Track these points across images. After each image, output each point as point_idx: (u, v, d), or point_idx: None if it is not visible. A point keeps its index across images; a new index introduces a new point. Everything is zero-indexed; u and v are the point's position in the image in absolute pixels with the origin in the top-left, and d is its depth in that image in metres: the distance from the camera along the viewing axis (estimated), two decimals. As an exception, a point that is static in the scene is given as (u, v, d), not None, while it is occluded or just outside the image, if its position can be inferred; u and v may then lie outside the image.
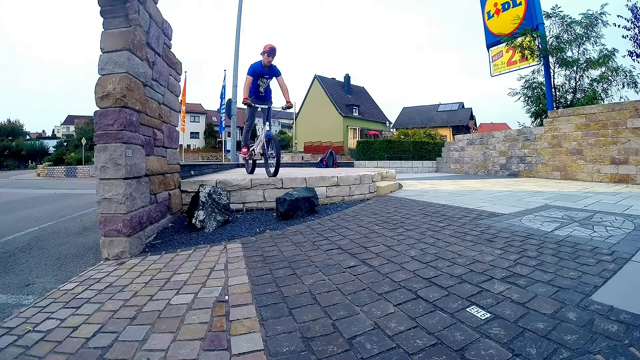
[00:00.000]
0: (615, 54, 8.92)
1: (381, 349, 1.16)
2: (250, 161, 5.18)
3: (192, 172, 4.87)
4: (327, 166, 10.89)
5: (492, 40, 10.73)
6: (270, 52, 4.46)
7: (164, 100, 3.41)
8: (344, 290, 1.66)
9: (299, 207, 3.50)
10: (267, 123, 4.49)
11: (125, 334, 1.38)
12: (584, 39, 9.20)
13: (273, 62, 4.59)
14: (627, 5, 8.30)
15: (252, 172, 5.16)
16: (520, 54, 9.75)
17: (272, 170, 4.17)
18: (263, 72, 4.56)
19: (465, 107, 37.30)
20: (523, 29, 9.49)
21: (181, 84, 4.14)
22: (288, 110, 4.92)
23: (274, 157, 4.27)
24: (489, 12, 10.70)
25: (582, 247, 2.13)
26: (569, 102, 9.76)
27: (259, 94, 4.66)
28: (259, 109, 4.78)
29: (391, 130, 36.55)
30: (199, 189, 3.42)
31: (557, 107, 9.32)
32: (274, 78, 4.67)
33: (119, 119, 2.53)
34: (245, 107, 4.72)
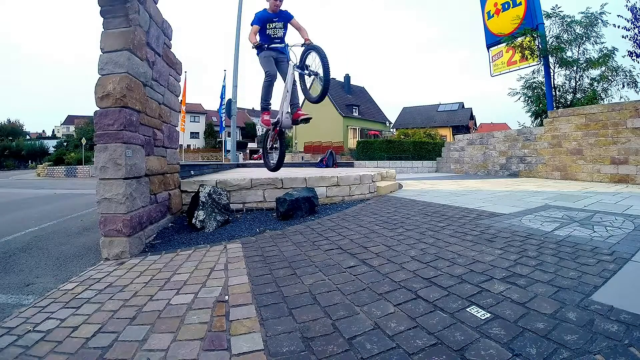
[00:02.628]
0: (615, 53, 8.92)
1: (381, 349, 1.16)
2: (270, 144, 4.14)
3: (192, 172, 4.87)
4: (327, 166, 10.88)
5: (492, 40, 10.72)
6: None
7: (164, 100, 3.41)
8: (344, 290, 1.66)
9: (299, 207, 3.50)
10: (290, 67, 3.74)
11: (125, 334, 1.38)
12: (584, 38, 9.20)
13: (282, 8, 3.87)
14: (627, 5, 8.30)
15: (276, 168, 4.08)
16: (520, 54, 9.74)
17: (315, 97, 3.51)
18: (271, 17, 3.83)
19: (465, 107, 37.30)
20: (523, 29, 9.48)
21: (181, 84, 4.14)
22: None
23: (315, 73, 3.48)
24: (489, 12, 10.69)
25: (582, 247, 2.13)
26: (569, 102, 9.76)
27: (274, 44, 3.93)
28: (274, 52, 3.93)
29: (391, 130, 36.55)
30: (199, 189, 3.42)
31: (557, 107, 9.31)
32: (288, 24, 3.94)
33: (119, 119, 2.53)
34: (257, 54, 3.94)
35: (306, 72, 3.53)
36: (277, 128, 3.94)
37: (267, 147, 4.27)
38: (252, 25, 3.82)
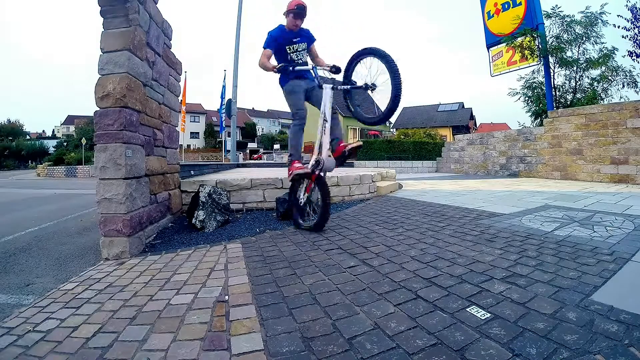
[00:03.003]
0: (615, 52, 8.93)
1: (381, 349, 1.16)
2: (303, 197, 2.96)
3: (192, 172, 4.87)
4: (327, 166, 10.85)
5: (492, 40, 10.73)
6: (299, 11, 2.94)
7: (164, 100, 3.41)
8: (344, 290, 1.66)
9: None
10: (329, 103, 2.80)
11: (125, 334, 1.38)
12: (584, 38, 9.21)
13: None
14: (626, 5, 8.31)
15: (314, 229, 2.84)
16: (520, 54, 9.75)
17: (375, 116, 2.67)
18: (290, 37, 3.03)
19: (465, 107, 37.32)
20: (523, 29, 9.49)
21: (181, 84, 4.14)
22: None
23: (372, 86, 2.57)
24: (489, 12, 10.69)
25: (582, 247, 2.13)
26: (569, 102, 9.76)
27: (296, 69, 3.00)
28: (304, 82, 3.10)
29: (391, 130, 36.53)
30: (199, 189, 3.42)
31: (557, 107, 9.32)
32: (308, 46, 3.12)
33: (119, 119, 2.53)
34: (282, 86, 3.17)
35: (362, 84, 2.63)
36: (316, 172, 2.81)
37: (299, 201, 2.99)
38: (263, 48, 2.96)
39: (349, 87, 2.71)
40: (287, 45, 3.05)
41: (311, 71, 2.95)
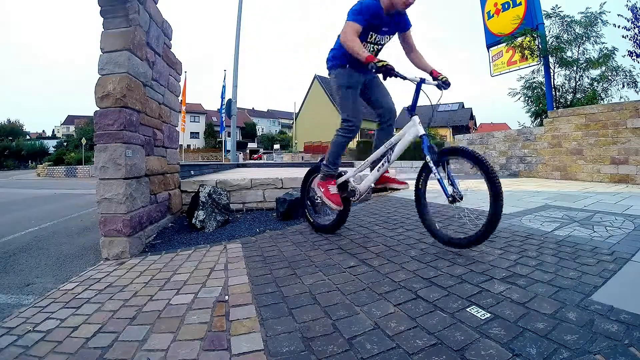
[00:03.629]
0: (615, 53, 8.92)
1: (381, 349, 1.16)
2: (336, 211, 2.62)
3: (192, 172, 4.87)
4: (327, 166, 10.83)
5: (492, 40, 10.72)
6: None
7: (164, 100, 3.41)
8: (344, 290, 1.66)
9: (299, 207, 3.50)
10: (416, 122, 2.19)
11: (125, 334, 1.38)
12: (584, 38, 9.20)
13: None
14: (627, 5, 8.30)
15: (334, 227, 2.75)
16: (520, 54, 9.74)
17: (465, 237, 2.10)
18: (382, 24, 2.19)
19: (465, 107, 37.35)
20: (523, 29, 9.48)
21: (181, 84, 4.14)
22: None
23: (459, 196, 2.22)
24: (489, 12, 10.69)
25: (582, 247, 2.13)
26: (569, 102, 9.76)
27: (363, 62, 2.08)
28: (364, 75, 2.37)
29: (391, 130, 36.49)
30: (199, 189, 3.42)
31: (557, 107, 9.31)
32: (398, 35, 2.37)
33: (119, 119, 2.53)
34: (330, 71, 2.42)
35: (449, 194, 2.16)
36: (353, 196, 2.53)
37: (314, 198, 2.75)
38: (350, 21, 2.09)
39: (438, 176, 2.25)
40: (372, 31, 2.18)
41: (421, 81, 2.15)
